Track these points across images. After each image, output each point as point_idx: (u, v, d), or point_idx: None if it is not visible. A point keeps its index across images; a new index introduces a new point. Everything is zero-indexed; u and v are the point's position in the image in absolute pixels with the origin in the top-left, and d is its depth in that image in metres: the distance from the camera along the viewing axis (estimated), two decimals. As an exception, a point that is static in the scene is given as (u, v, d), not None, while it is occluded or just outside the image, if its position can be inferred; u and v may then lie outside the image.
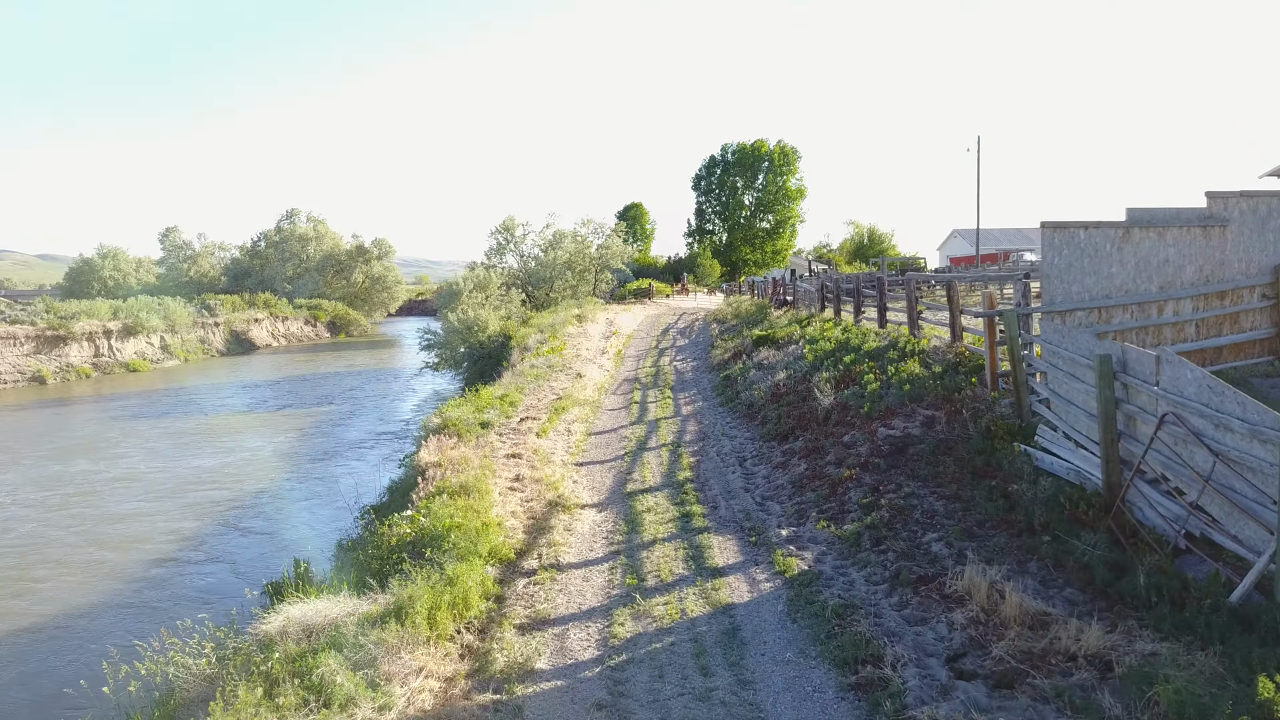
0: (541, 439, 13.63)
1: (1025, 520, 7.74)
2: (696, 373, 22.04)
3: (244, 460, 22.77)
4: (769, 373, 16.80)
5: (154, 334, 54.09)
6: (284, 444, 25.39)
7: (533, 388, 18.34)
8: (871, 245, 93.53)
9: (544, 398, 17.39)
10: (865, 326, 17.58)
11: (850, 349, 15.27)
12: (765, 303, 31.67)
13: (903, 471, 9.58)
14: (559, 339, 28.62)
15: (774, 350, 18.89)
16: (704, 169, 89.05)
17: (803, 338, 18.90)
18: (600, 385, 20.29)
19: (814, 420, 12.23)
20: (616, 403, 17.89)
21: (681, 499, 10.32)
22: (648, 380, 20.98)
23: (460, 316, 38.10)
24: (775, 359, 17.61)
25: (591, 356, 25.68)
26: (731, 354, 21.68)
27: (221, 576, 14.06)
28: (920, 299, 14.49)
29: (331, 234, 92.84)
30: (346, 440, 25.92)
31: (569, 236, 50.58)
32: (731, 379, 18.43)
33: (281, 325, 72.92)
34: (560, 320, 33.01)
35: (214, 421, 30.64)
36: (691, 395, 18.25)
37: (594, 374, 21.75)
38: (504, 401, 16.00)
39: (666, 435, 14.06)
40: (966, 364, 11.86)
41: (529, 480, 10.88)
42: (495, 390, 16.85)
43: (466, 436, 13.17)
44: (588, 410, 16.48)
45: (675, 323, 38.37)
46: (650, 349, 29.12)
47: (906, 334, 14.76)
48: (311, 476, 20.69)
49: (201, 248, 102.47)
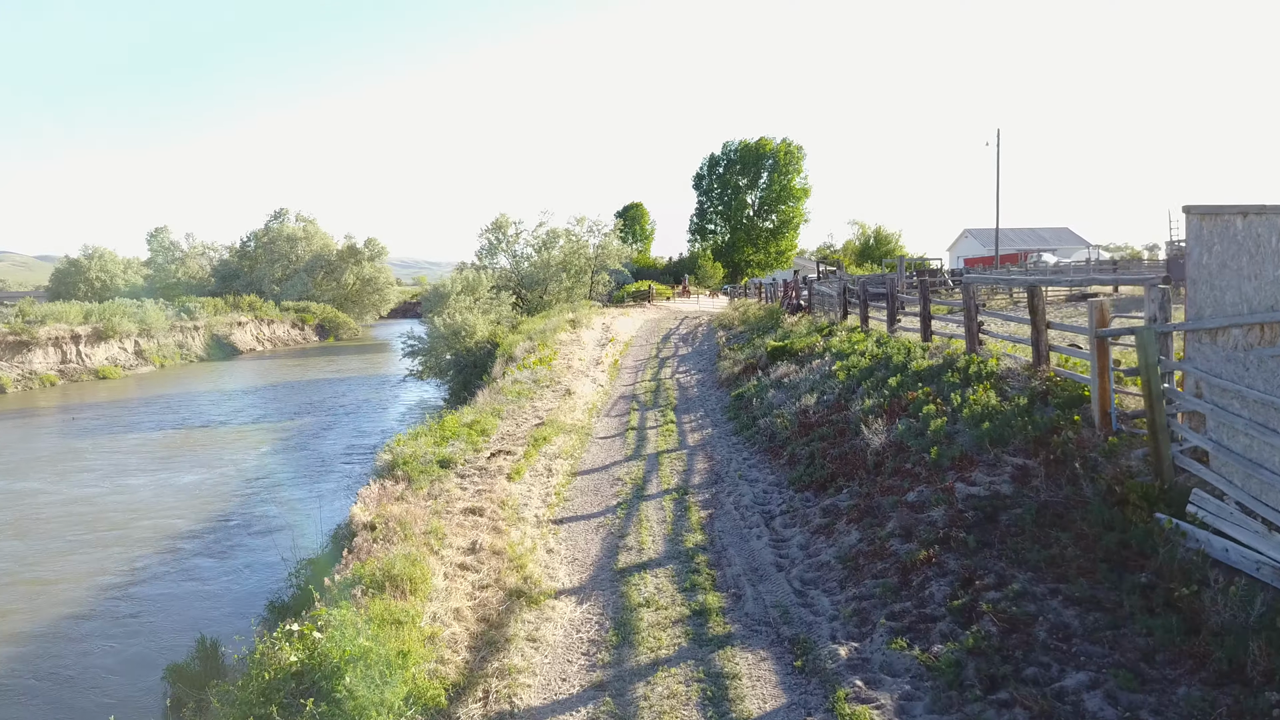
0: (514, 482, 10.90)
1: (1226, 657, 5.03)
2: (703, 388, 19.32)
3: (195, 484, 20.05)
4: (791, 394, 14.09)
5: (128, 338, 51.36)
6: (247, 463, 22.70)
7: (512, 410, 15.63)
8: (878, 245, 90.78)
9: (524, 423, 14.67)
10: (904, 338, 14.88)
11: (893, 367, 12.55)
12: (776, 307, 28.96)
13: (1001, 552, 6.87)
14: (549, 347, 25.92)
15: (794, 365, 16.18)
16: (705, 167, 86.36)
17: (827, 350, 16.20)
18: (592, 404, 17.57)
19: (860, 465, 9.50)
20: (610, 428, 15.16)
21: (692, 582, 7.61)
22: (647, 398, 18.26)
23: (446, 321, 35.42)
24: (798, 377, 14.89)
25: (584, 368, 22.98)
26: (743, 367, 18.96)
27: (120, 648, 11.35)
28: (983, 306, 11.79)
29: (321, 234, 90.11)
30: (316, 458, 23.24)
31: (564, 236, 47.86)
32: (745, 399, 15.72)
33: (267, 329, 70.18)
34: (552, 326, 30.31)
35: (175, 436, 27.93)
36: (698, 418, 15.54)
37: (586, 390, 19.04)
38: (473, 430, 13.28)
39: (670, 476, 11.34)
40: (1057, 394, 9.15)
41: (487, 552, 8.16)
42: (464, 415, 14.12)
43: (418, 482, 10.46)
44: (575, 440, 13.75)
45: (677, 328, 35.65)
46: (650, 358, 26.41)
47: (962, 350, 12.05)
48: (268, 504, 17.99)
49: (190, 248, 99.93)
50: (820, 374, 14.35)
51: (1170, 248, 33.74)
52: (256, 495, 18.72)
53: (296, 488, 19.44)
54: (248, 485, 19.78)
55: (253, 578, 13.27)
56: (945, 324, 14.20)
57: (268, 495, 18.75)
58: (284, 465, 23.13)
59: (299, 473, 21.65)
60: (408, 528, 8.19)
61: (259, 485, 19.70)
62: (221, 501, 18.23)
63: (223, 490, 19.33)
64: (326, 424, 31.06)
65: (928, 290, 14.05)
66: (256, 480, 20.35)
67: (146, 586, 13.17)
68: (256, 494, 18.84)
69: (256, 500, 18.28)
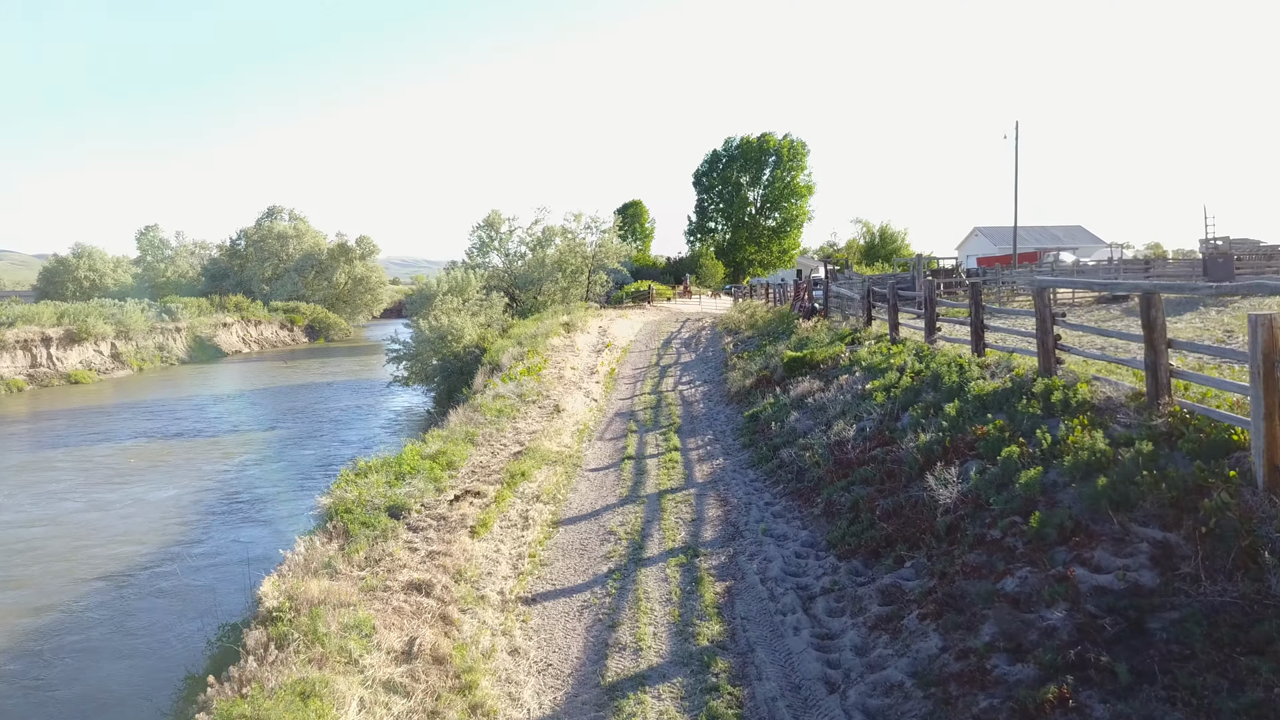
0: (478, 539, 8.67)
1: None
2: (710, 404, 17.09)
3: (131, 513, 17.78)
4: (818, 418, 11.87)
5: (103, 341, 49.07)
6: (209, 482, 20.50)
7: (489, 433, 13.40)
8: (883, 244, 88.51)
9: (501, 450, 12.44)
10: (948, 350, 12.67)
11: (945, 389, 10.31)
12: (786, 310, 26.72)
13: (1172, 694, 4.65)
14: (539, 354, 23.69)
15: (817, 381, 13.94)
16: (706, 163, 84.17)
17: (856, 364, 13.97)
18: (583, 425, 15.33)
19: (927, 528, 7.26)
20: (603, 456, 12.92)
21: (710, 712, 5.39)
22: (646, 416, 16.03)
23: (432, 324, 33.18)
24: (824, 396, 12.64)
25: (577, 378, 20.75)
26: (755, 380, 16.73)
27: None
28: (1060, 317, 9.55)
29: (313, 232, 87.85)
30: (288, 475, 21.07)
31: (560, 233, 45.58)
32: (761, 421, 13.49)
33: (254, 330, 67.89)
34: (544, 330, 28.08)
35: (133, 449, 25.71)
36: (707, 443, 13.32)
37: (577, 406, 16.80)
38: (437, 462, 11.05)
39: (675, 528, 9.09)
40: (1189, 438, 6.92)
41: (427, 658, 5.93)
42: (428, 444, 11.87)
43: (356, 539, 8.22)
44: (560, 474, 11.51)
45: (678, 331, 33.42)
46: (650, 366, 24.18)
47: (1033, 369, 9.83)
48: (206, 540, 15.78)
49: (180, 247, 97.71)
50: (852, 394, 12.11)
51: (1206, 246, 31.49)
52: (209, 523, 16.49)
53: (246, 516, 17.21)
54: (202, 510, 17.55)
55: (168, 651, 11.03)
56: (997, 335, 11.98)
57: (221, 523, 16.53)
58: (250, 484, 20.94)
59: (265, 493, 19.47)
60: (320, 625, 5.95)
61: (215, 511, 17.46)
62: (164, 532, 15.99)
63: (171, 517, 17.10)
64: (305, 434, 28.91)
65: (980, 294, 11.82)
66: (214, 504, 18.11)
67: (56, 639, 10.94)
68: (209, 521, 16.61)
69: (206, 529, 16.06)
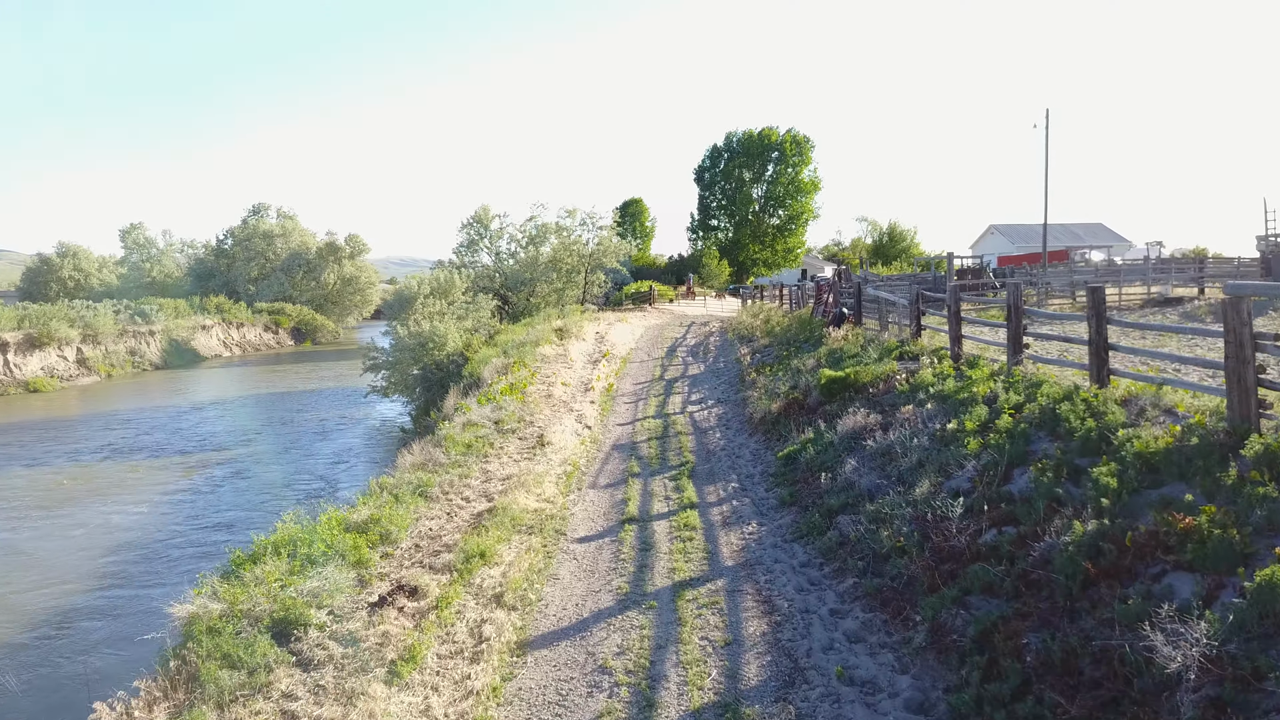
0: (399, 687, 5.61)
1: None
2: (728, 432, 14.04)
3: (16, 560, 14.71)
4: (886, 469, 8.83)
5: (68, 345, 45.97)
6: (122, 521, 17.45)
7: (451, 480, 10.33)
8: (892, 243, 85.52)
9: (461, 509, 9.39)
10: (1043, 374, 9.64)
11: (1077, 439, 7.25)
12: (806, 315, 23.67)
13: None
14: (527, 366, 20.65)
15: (873, 413, 10.86)
16: (708, 159, 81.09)
17: (919, 388, 10.91)
18: (572, 464, 12.26)
19: None
20: (596, 515, 9.85)
21: None
22: (651, 451, 12.97)
23: (411, 330, 30.14)
24: (886, 438, 9.56)
25: (569, 396, 17.70)
26: (783, 405, 13.67)
27: None
28: (1266, 344, 6.54)
29: (300, 230, 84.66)
30: (223, 515, 18.00)
31: (555, 230, 42.46)
32: (801, 466, 10.44)
33: (236, 332, 64.77)
34: (533, 338, 25.03)
35: (67, 471, 22.68)
36: (731, 494, 10.27)
37: (566, 437, 13.74)
38: (368, 536, 7.99)
39: (701, 664, 5.97)
40: None
41: None
42: (358, 510, 8.77)
43: (207, 690, 5.18)
44: (536, 549, 8.44)
45: (683, 337, 30.37)
46: (653, 380, 21.13)
47: (1218, 412, 6.79)
48: (110, 591, 12.76)
49: (166, 246, 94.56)
50: (928, 435, 9.05)
51: (1266, 243, 28.47)
52: (95, 586, 13.40)
53: (169, 567, 14.16)
54: (100, 562, 14.48)
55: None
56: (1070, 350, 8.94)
57: (109, 588, 13.44)
58: (190, 518, 17.95)
59: (195, 537, 16.46)
60: None
61: (117, 564, 14.38)
62: (24, 601, 12.89)
63: (55, 571, 14.02)
64: (274, 451, 25.97)
65: (1102, 303, 8.74)
66: (126, 549, 15.06)
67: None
68: (99, 582, 13.53)
69: (86, 596, 12.96)
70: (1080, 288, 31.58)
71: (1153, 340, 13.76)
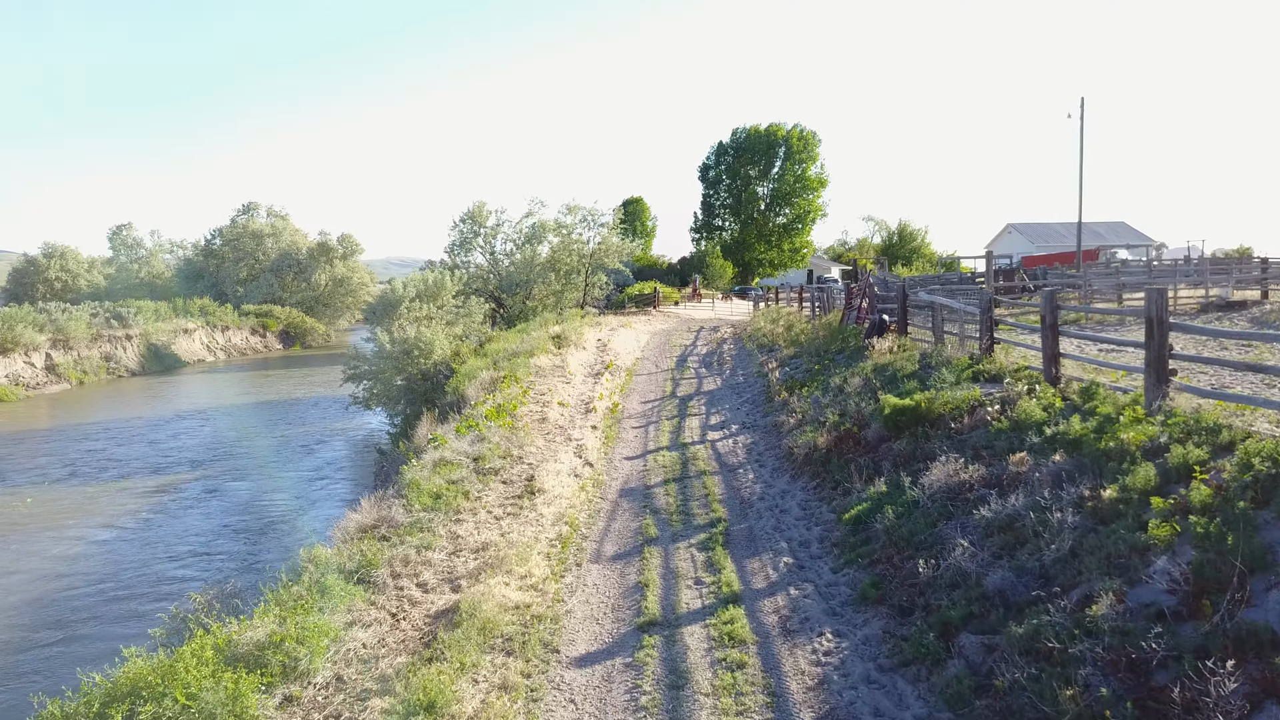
0: None
1: None
2: (763, 471, 11.33)
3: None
4: (1012, 552, 6.14)
5: (35, 351, 43.25)
6: (78, 551, 15.03)
7: (403, 557, 7.61)
8: (902, 243, 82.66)
9: (413, 609, 6.67)
10: (1212, 408, 6.94)
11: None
12: (835, 321, 20.97)
13: None
14: (519, 381, 17.97)
15: (968, 461, 8.13)
16: (712, 156, 78.34)
17: (1028, 427, 8.20)
18: (569, 521, 9.53)
19: None
20: (600, 612, 7.13)
21: None
22: (670, 502, 10.25)
23: (395, 336, 27.44)
24: (1004, 504, 6.84)
25: (567, 420, 15.00)
26: (833, 439, 10.94)
27: None
28: None
29: (291, 229, 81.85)
30: (182, 545, 15.45)
31: (553, 228, 39.72)
32: (877, 534, 7.72)
33: (221, 336, 62.00)
34: (528, 346, 22.32)
35: (25, 494, 20.09)
36: (787, 579, 7.57)
37: (561, 482, 11.01)
38: (260, 673, 5.29)
39: None
40: None
41: None
42: (258, 621, 6.05)
43: None
44: (516, 684, 5.70)
45: (693, 345, 27.65)
46: (664, 398, 18.42)
47: None
48: (34, 649, 10.11)
49: (155, 246, 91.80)
50: (1072, 503, 6.33)
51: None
52: (54, 625, 10.74)
53: (125, 601, 11.50)
54: (56, 599, 11.82)
55: None
56: None
57: (68, 626, 10.82)
58: (148, 546, 15.58)
59: (162, 564, 14.03)
60: None
61: (73, 603, 11.70)
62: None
63: (13, 608, 11.36)
64: (239, 471, 23.42)
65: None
66: (78, 592, 12.40)
67: None
68: (54, 623, 10.87)
69: (42, 641, 10.31)
70: (1128, 289, 28.91)
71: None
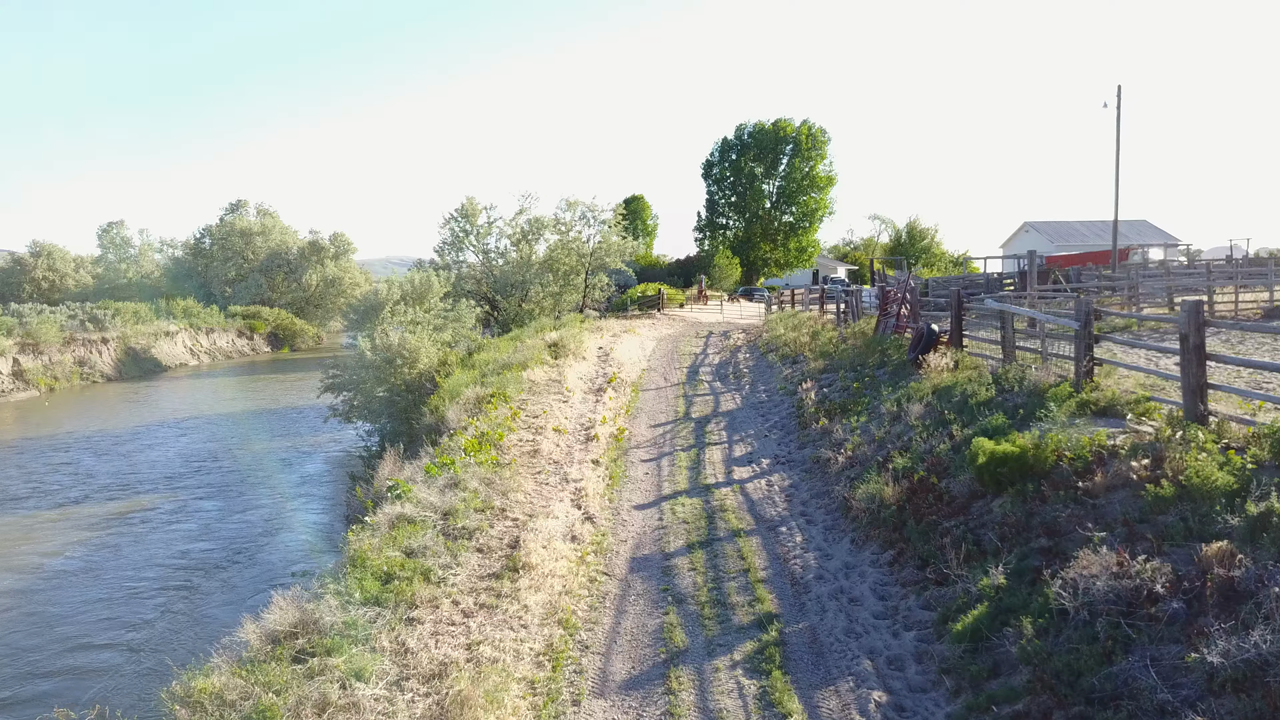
0: None
1: None
2: (815, 536, 8.85)
3: None
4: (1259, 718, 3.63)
5: (2, 356, 40.75)
6: (16, 585, 12.52)
7: (319, 700, 5.13)
8: (911, 243, 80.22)
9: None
10: None
11: None
12: (869, 331, 18.45)
13: None
14: (509, 400, 15.48)
15: (1148, 556, 5.65)
16: (716, 153, 75.78)
17: (1196, 494, 5.73)
18: (563, 623, 7.01)
19: None
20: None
21: None
22: (699, 586, 7.73)
23: (378, 343, 24.95)
24: (1237, 645, 4.37)
25: (563, 453, 12.49)
26: (905, 491, 8.45)
27: None
28: None
29: (281, 228, 79.29)
30: (134, 582, 13.10)
31: (551, 225, 37.23)
32: (1014, 666, 5.24)
33: (205, 339, 59.50)
34: (521, 357, 19.80)
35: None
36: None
37: (555, 551, 8.49)
38: None
39: None
40: None
41: None
42: None
43: None
44: None
45: (704, 353, 25.15)
46: (678, 420, 15.92)
47: None
48: None
49: (144, 245, 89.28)
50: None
51: None
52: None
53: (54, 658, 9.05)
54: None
55: None
56: None
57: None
58: (94, 583, 13.52)
59: (104, 605, 11.78)
60: None
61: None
62: None
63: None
64: (214, 487, 21.47)
65: None
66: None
67: None
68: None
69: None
70: (1178, 292, 26.45)
71: None
